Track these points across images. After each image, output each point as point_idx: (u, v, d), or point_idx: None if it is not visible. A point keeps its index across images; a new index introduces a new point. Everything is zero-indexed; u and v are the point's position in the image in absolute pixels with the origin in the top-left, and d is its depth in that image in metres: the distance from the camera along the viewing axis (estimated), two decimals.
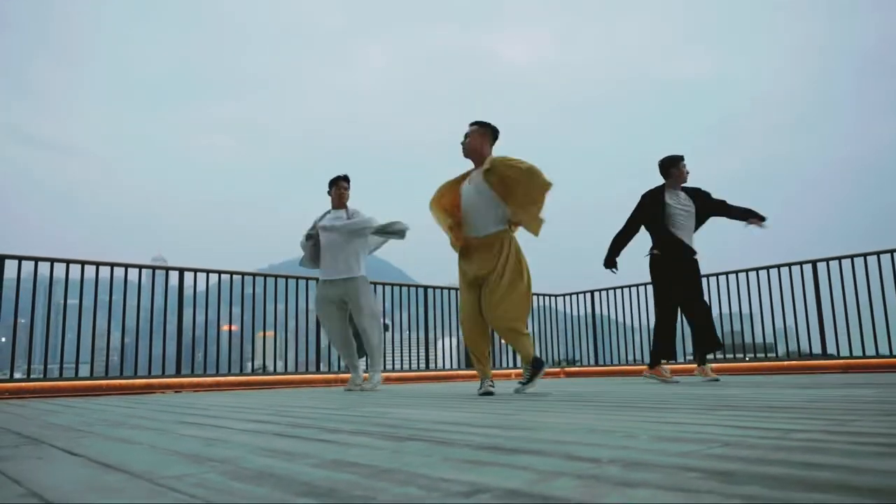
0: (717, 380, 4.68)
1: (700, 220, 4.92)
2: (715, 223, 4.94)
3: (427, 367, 8.07)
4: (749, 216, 4.82)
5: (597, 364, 9.00)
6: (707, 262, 5.11)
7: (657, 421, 1.80)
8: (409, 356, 9.20)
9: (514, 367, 8.63)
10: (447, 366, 8.87)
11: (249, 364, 7.91)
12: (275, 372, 7.04)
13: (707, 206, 4.92)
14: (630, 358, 8.81)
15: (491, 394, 3.48)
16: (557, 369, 9.03)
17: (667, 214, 4.81)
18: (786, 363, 6.51)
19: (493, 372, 3.91)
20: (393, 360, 9.27)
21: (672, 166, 4.94)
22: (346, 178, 4.95)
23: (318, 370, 7.01)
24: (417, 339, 8.51)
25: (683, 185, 4.97)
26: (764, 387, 3.69)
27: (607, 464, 1.08)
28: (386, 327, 8.98)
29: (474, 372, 8.15)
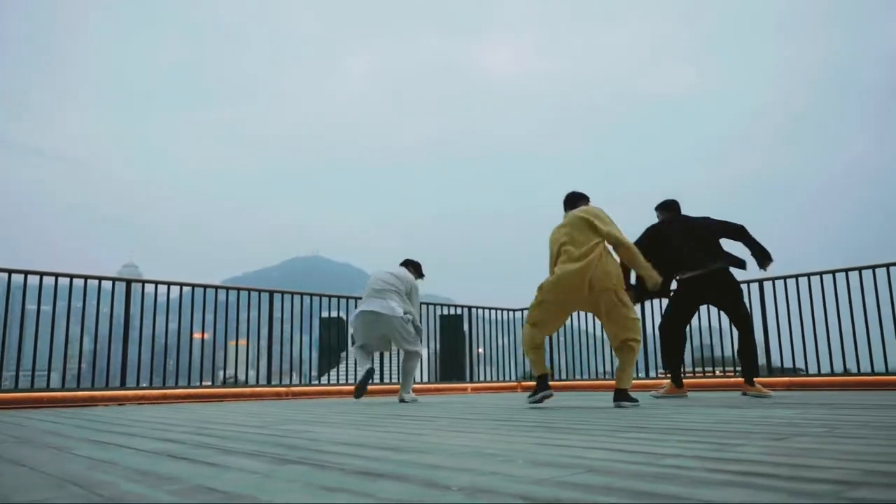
0: (768, 396, 4.63)
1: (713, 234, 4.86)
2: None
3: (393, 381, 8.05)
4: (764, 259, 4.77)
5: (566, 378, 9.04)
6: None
7: (548, 443, 1.83)
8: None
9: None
10: (420, 378, 8.91)
11: (221, 373, 7.84)
12: (246, 382, 6.99)
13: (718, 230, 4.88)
14: (601, 371, 8.83)
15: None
16: (514, 383, 9.08)
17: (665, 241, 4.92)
18: (725, 381, 6.62)
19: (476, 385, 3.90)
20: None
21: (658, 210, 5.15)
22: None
23: (280, 382, 6.99)
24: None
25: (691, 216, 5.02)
26: (692, 406, 3.76)
27: (456, 491, 1.10)
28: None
29: (450, 385, 8.32)
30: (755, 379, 4.81)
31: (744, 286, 6.71)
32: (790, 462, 1.36)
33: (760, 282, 6.81)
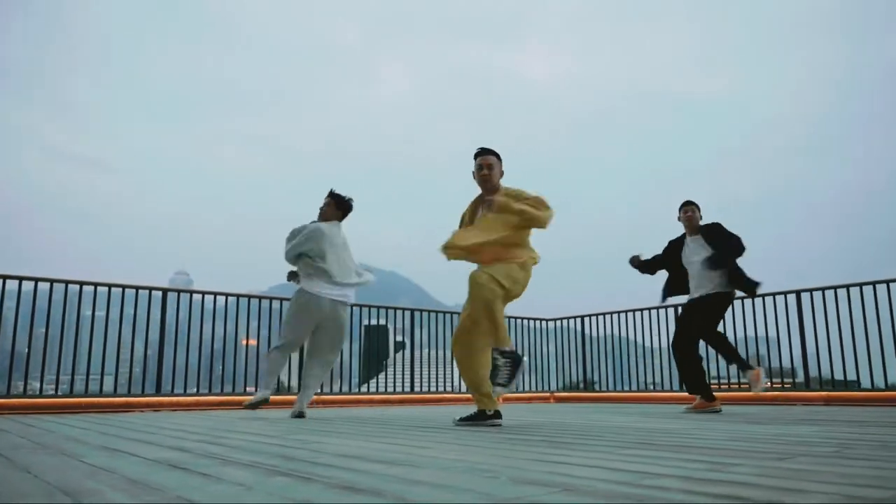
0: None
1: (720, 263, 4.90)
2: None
3: (412, 390, 8.09)
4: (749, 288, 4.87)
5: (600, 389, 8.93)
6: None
7: (543, 460, 1.82)
8: (395, 378, 9.21)
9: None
10: (434, 388, 8.91)
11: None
12: (288, 389, 7.12)
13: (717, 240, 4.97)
14: (636, 384, 8.70)
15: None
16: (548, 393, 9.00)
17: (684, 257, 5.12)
18: (771, 394, 6.43)
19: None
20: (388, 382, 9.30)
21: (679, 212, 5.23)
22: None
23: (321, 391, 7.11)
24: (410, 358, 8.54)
25: (699, 225, 5.10)
26: (716, 422, 3.69)
27: None
28: (402, 345, 9.04)
29: (464, 395, 8.31)
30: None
31: (791, 296, 6.56)
32: (777, 485, 1.33)
33: (798, 293, 6.61)
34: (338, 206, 4.72)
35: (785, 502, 1.14)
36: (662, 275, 5.32)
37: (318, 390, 4.71)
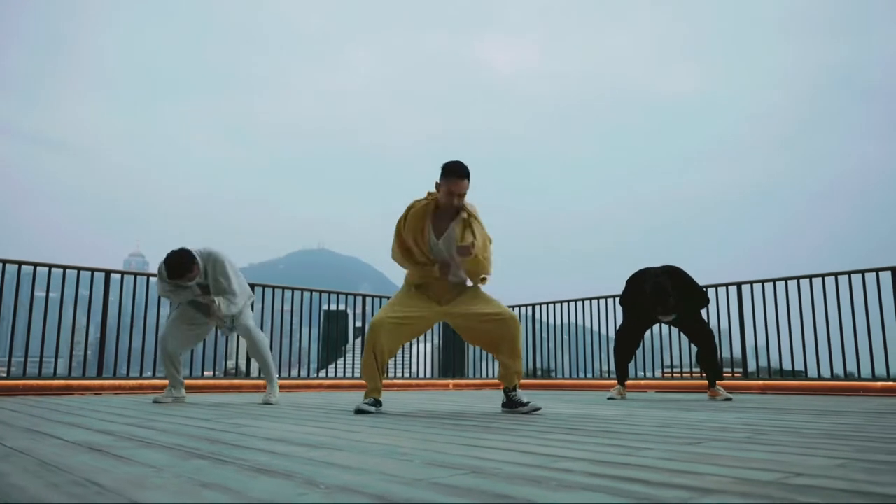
0: (729, 398, 4.88)
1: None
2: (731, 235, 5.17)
3: (396, 375, 8.14)
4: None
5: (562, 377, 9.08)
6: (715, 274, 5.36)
7: (466, 443, 1.87)
8: (353, 364, 9.20)
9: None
10: (422, 374, 8.99)
11: (230, 363, 7.93)
12: (247, 373, 7.07)
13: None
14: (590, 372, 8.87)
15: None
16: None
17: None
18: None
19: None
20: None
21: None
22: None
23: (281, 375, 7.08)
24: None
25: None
26: (652, 409, 3.80)
27: (322, 490, 1.14)
28: (362, 331, 9.06)
29: (446, 381, 8.39)
30: (717, 382, 5.14)
31: (745, 287, 6.78)
32: (676, 468, 1.39)
33: (751, 283, 6.83)
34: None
35: (675, 482, 1.20)
36: (625, 267, 5.51)
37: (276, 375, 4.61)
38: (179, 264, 4.06)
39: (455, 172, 3.30)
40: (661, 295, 4.79)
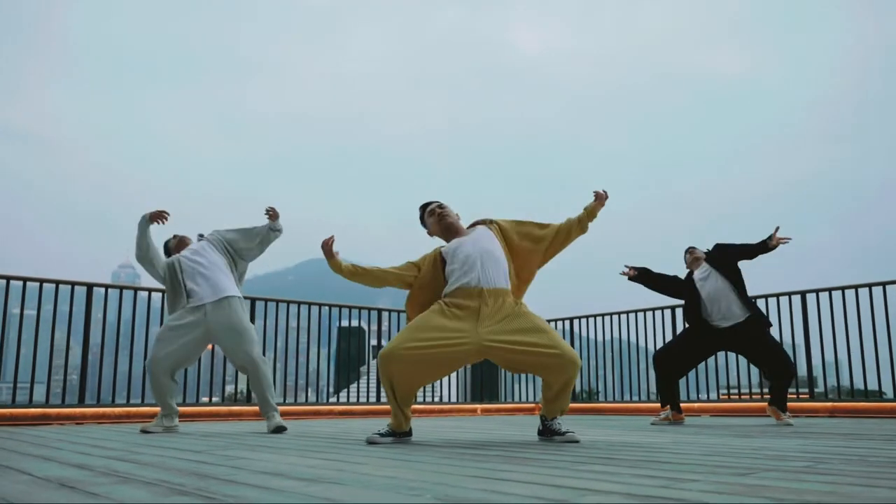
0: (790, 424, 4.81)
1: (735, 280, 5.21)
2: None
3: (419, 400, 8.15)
4: (769, 243, 5.13)
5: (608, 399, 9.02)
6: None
7: (485, 476, 1.86)
8: (369, 387, 9.21)
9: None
10: (446, 398, 9.02)
11: (229, 388, 7.98)
12: (248, 399, 7.09)
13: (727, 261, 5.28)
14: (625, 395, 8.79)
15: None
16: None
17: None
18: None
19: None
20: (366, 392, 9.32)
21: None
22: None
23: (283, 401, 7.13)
24: None
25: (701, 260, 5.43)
26: (700, 434, 3.76)
27: None
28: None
29: (474, 406, 8.36)
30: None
31: (811, 296, 6.70)
32: (721, 502, 1.37)
33: (817, 292, 6.74)
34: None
35: None
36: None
37: (279, 400, 4.69)
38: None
39: (426, 208, 3.72)
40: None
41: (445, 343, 3.15)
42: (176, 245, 4.80)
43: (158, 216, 4.53)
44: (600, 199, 3.53)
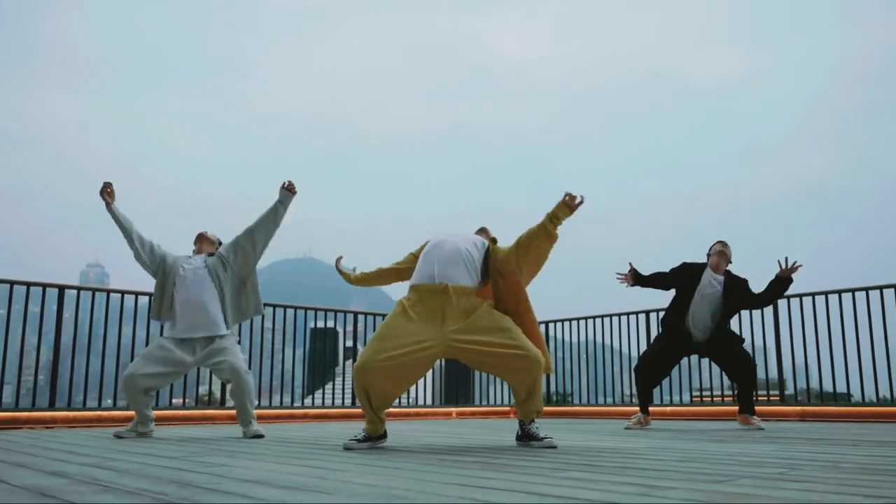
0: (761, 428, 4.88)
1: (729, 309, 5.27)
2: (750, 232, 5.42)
3: (353, 403, 8.10)
4: (781, 283, 5.11)
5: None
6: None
7: (466, 484, 1.88)
8: (343, 389, 9.18)
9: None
10: (421, 401, 9.02)
11: (201, 388, 7.89)
12: (222, 402, 7.01)
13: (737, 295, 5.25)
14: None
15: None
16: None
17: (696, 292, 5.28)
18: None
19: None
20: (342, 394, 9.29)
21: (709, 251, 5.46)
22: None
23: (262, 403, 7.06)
24: None
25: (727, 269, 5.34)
26: (677, 440, 3.82)
27: None
28: (354, 352, 9.00)
29: (448, 409, 8.36)
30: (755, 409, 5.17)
31: (794, 300, 6.82)
32: None
33: (788, 298, 6.86)
34: None
35: None
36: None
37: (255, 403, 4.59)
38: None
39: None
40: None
41: (414, 349, 3.18)
42: (197, 242, 4.65)
43: (103, 193, 4.38)
44: (568, 203, 3.26)
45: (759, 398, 7.57)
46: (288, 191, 4.52)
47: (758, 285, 5.19)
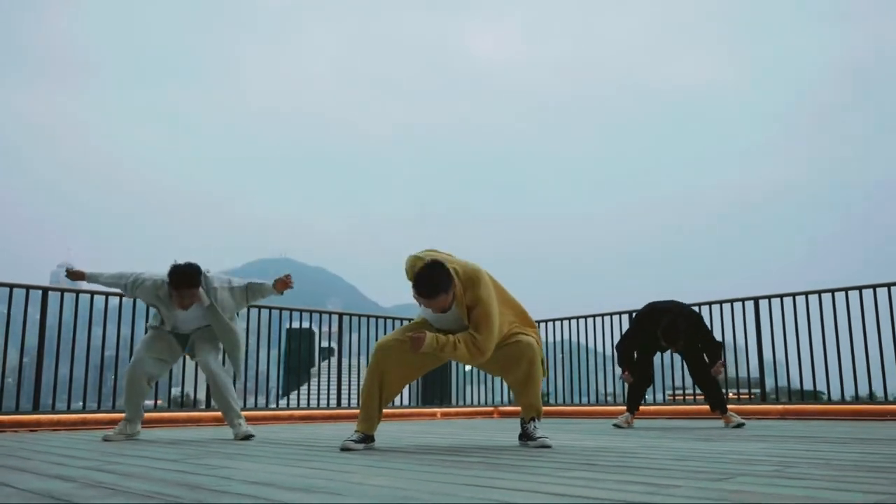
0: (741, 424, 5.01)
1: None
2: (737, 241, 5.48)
3: (339, 404, 8.10)
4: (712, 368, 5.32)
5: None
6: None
7: (473, 484, 1.92)
8: (319, 390, 9.16)
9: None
10: (403, 401, 9.03)
11: (174, 390, 7.80)
12: (195, 402, 6.97)
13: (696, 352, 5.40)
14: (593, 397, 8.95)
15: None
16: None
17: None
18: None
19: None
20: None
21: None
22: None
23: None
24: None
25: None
26: (668, 438, 3.89)
27: None
28: (330, 352, 8.95)
29: (433, 410, 8.35)
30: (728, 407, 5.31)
31: (776, 301, 6.97)
32: None
33: (769, 298, 7.00)
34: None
35: None
36: (626, 282, 5.65)
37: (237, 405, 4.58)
38: (187, 273, 4.10)
39: (419, 288, 3.10)
40: (673, 332, 5.10)
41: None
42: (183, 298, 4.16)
43: (73, 278, 4.50)
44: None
45: (741, 396, 7.71)
46: (284, 286, 4.53)
47: (728, 291, 5.33)
